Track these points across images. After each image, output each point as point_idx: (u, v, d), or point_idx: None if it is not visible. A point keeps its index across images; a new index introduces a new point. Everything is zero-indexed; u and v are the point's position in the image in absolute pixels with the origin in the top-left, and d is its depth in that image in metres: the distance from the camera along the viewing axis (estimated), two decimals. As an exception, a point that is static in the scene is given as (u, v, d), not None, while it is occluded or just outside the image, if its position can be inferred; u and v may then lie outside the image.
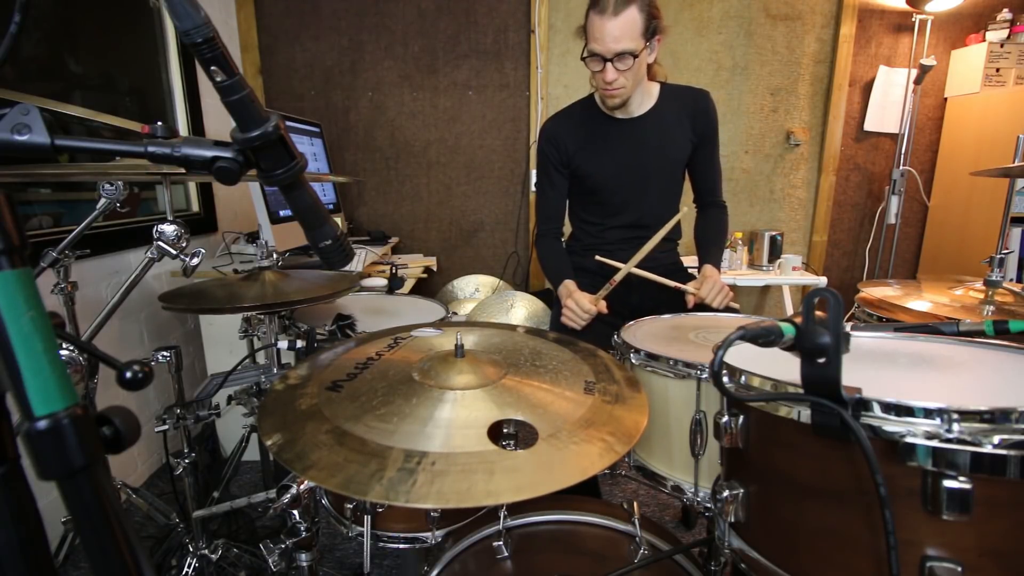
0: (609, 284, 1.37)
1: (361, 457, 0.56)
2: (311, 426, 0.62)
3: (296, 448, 0.58)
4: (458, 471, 0.54)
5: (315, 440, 0.59)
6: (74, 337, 0.61)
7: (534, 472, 0.54)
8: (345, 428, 0.61)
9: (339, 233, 0.57)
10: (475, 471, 0.54)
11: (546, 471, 0.54)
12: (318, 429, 0.61)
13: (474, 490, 0.52)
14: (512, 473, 0.54)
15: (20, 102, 0.41)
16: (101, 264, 1.73)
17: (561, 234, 1.65)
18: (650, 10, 1.32)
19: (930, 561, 0.48)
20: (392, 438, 0.59)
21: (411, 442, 0.58)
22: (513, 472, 0.54)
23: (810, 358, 0.50)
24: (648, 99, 1.51)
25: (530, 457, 0.57)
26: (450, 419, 0.63)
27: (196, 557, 1.22)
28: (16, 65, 1.53)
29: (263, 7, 2.74)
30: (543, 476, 0.54)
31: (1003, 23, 2.66)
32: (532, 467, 0.55)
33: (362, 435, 0.59)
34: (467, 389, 0.69)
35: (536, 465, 0.55)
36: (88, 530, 0.31)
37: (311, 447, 0.58)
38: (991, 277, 1.24)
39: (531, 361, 0.80)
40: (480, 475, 0.53)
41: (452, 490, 0.51)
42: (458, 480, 0.52)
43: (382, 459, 0.55)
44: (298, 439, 0.60)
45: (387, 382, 0.71)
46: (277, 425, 0.63)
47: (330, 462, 0.55)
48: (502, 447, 0.58)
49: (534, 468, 0.55)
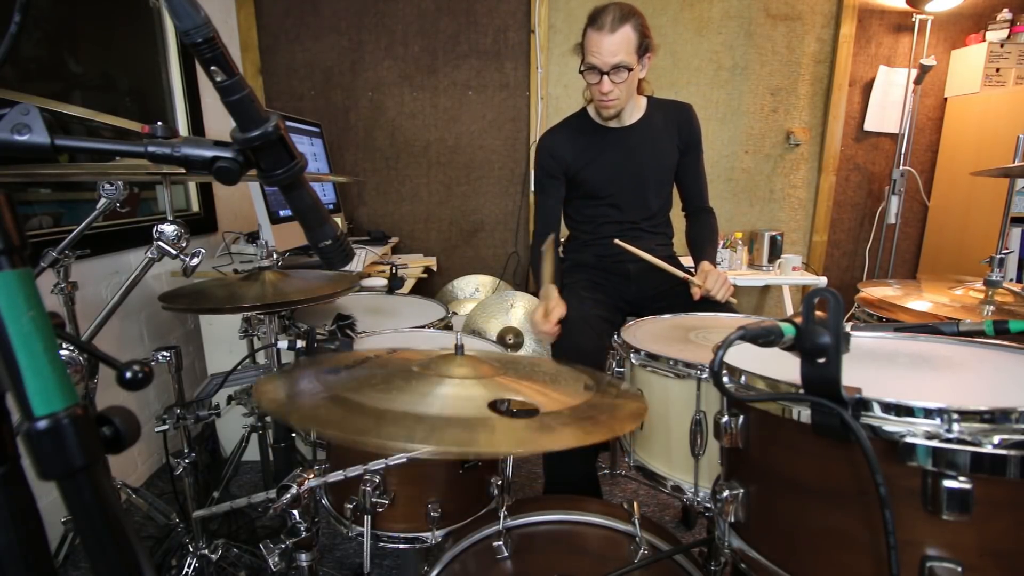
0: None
1: (361, 417, 0.56)
2: (310, 396, 0.62)
3: (294, 406, 0.59)
4: (460, 426, 0.54)
5: (313, 401, 0.60)
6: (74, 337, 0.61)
7: (534, 433, 0.54)
8: (344, 395, 0.61)
9: (339, 233, 0.57)
10: (476, 429, 0.54)
11: (547, 433, 0.54)
12: (316, 397, 0.62)
13: (476, 440, 0.52)
14: (512, 431, 0.54)
15: (20, 102, 0.41)
16: (101, 264, 1.73)
17: (557, 239, 1.71)
18: (643, 30, 1.44)
19: (930, 561, 0.48)
20: (392, 403, 0.59)
21: (411, 407, 0.58)
22: (514, 431, 0.54)
23: (810, 358, 0.50)
24: (637, 110, 1.63)
25: (530, 422, 0.57)
26: (450, 393, 0.63)
27: (196, 557, 1.22)
28: (16, 65, 1.53)
29: (263, 7, 2.74)
30: (543, 437, 0.54)
31: (1003, 23, 2.66)
32: (532, 430, 0.55)
33: (361, 400, 0.60)
34: (466, 378, 0.69)
35: (536, 429, 0.55)
36: (88, 530, 0.31)
37: (309, 407, 0.58)
38: (991, 277, 1.24)
39: (530, 368, 0.80)
40: (482, 432, 0.53)
41: (453, 439, 0.51)
42: (459, 432, 0.53)
43: (381, 416, 0.56)
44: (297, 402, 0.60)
45: (386, 371, 0.72)
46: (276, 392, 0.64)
47: (329, 416, 0.55)
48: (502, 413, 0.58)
49: (534, 431, 0.55)
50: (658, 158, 1.62)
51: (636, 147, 1.61)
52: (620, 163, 1.61)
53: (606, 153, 1.62)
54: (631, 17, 1.42)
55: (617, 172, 1.62)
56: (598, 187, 1.64)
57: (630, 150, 1.61)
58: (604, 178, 1.63)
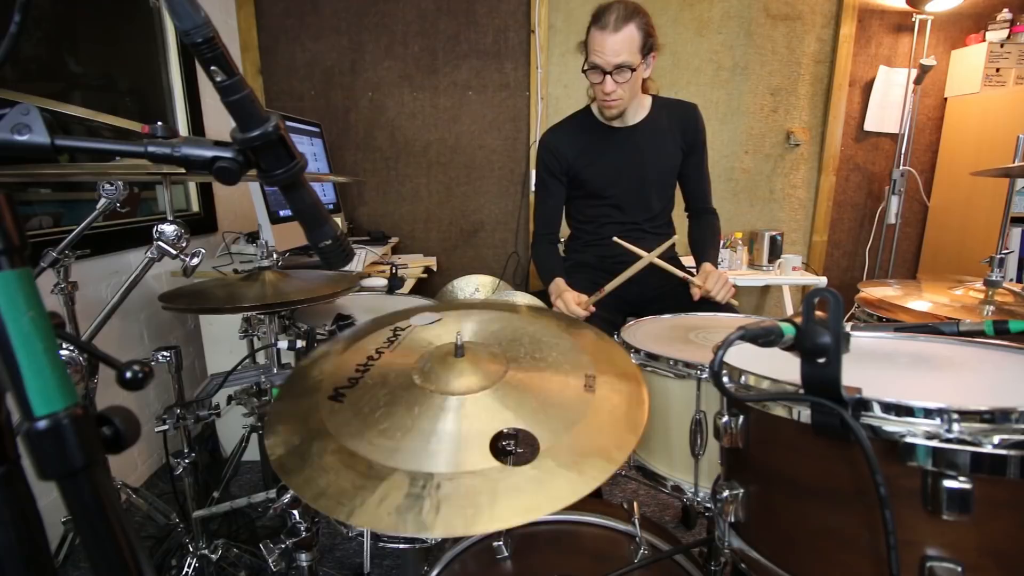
0: (599, 292, 1.38)
1: (369, 482, 0.56)
2: (317, 446, 0.62)
3: (305, 472, 0.58)
4: (463, 495, 0.54)
5: (322, 463, 0.59)
6: (74, 337, 0.61)
7: (536, 493, 0.55)
8: (350, 448, 0.61)
9: (339, 233, 0.57)
10: (479, 492, 0.54)
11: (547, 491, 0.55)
12: (324, 449, 0.61)
13: (479, 516, 0.52)
14: (515, 493, 0.54)
15: (20, 102, 0.41)
16: (101, 264, 1.73)
17: (557, 239, 1.71)
18: (647, 29, 1.43)
19: (930, 561, 0.48)
20: (396, 457, 0.59)
21: (416, 462, 0.58)
22: (516, 492, 0.55)
23: (810, 358, 0.50)
24: (641, 110, 1.60)
25: (531, 474, 0.57)
26: (453, 432, 0.63)
27: (196, 557, 1.21)
28: (16, 65, 1.53)
29: (263, 7, 2.74)
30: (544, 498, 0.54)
31: (1003, 23, 2.66)
32: (534, 487, 0.56)
33: (367, 455, 0.60)
34: (468, 393, 0.68)
35: (538, 485, 0.56)
36: (88, 530, 0.31)
37: (319, 471, 0.58)
38: (991, 277, 1.24)
39: (531, 354, 0.79)
40: (484, 497, 0.54)
41: (458, 517, 0.52)
42: (463, 505, 0.53)
43: (389, 484, 0.56)
44: (306, 462, 0.60)
45: (388, 388, 0.71)
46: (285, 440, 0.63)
47: (339, 489, 0.55)
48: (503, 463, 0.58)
49: (536, 488, 0.56)
50: (661, 159, 1.61)
51: (639, 148, 1.59)
52: (623, 164, 1.60)
53: (609, 153, 1.60)
54: (636, 16, 1.40)
55: (619, 173, 1.61)
56: (600, 187, 1.63)
57: (633, 151, 1.59)
58: (606, 179, 1.62)
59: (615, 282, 1.37)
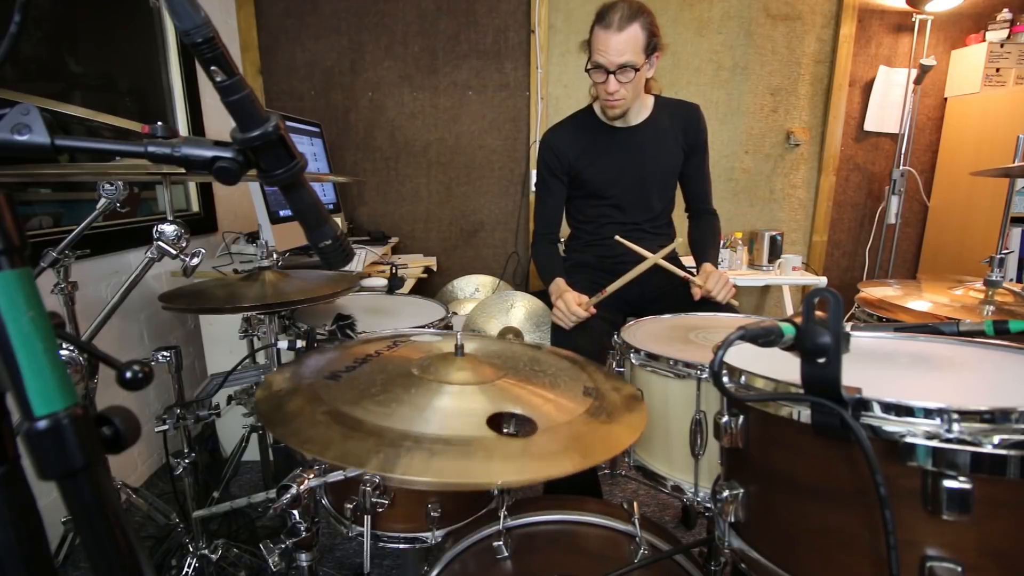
0: (600, 293, 1.38)
1: (358, 434, 0.56)
2: (308, 408, 0.62)
3: (292, 425, 0.58)
4: (456, 451, 0.54)
5: (312, 419, 0.59)
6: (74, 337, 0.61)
7: (532, 459, 0.54)
8: (342, 410, 0.61)
9: (339, 233, 0.57)
10: (474, 452, 0.54)
11: (544, 458, 0.55)
12: (315, 410, 0.61)
13: (472, 469, 0.52)
14: (508, 458, 0.54)
15: (20, 102, 0.41)
16: (101, 264, 1.73)
17: (557, 239, 1.70)
18: (651, 29, 1.42)
19: (930, 561, 0.48)
20: (390, 420, 0.59)
21: (409, 424, 0.58)
22: (511, 457, 0.54)
23: (810, 358, 0.50)
24: (644, 110, 1.60)
25: (528, 444, 0.57)
26: (448, 407, 0.63)
27: (196, 557, 1.22)
28: (16, 65, 1.53)
29: (263, 7, 2.74)
30: (542, 463, 0.54)
31: (1003, 23, 2.66)
32: (530, 454, 0.55)
33: (359, 416, 0.60)
34: (465, 384, 0.69)
35: (535, 452, 0.56)
36: (88, 530, 0.31)
37: (307, 425, 0.58)
38: (991, 277, 1.24)
39: (530, 366, 0.80)
40: (479, 458, 0.53)
41: (451, 468, 0.51)
42: (457, 459, 0.53)
43: (380, 438, 0.55)
44: (295, 417, 0.60)
45: (386, 375, 0.72)
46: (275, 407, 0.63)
47: (326, 437, 0.55)
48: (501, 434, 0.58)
49: (533, 455, 0.55)
50: (662, 159, 1.60)
51: (641, 148, 1.59)
52: (624, 164, 1.59)
53: (610, 153, 1.60)
54: (640, 15, 1.39)
55: (620, 173, 1.60)
56: (600, 187, 1.62)
57: (634, 151, 1.59)
58: (607, 179, 1.61)
59: (617, 284, 1.36)
